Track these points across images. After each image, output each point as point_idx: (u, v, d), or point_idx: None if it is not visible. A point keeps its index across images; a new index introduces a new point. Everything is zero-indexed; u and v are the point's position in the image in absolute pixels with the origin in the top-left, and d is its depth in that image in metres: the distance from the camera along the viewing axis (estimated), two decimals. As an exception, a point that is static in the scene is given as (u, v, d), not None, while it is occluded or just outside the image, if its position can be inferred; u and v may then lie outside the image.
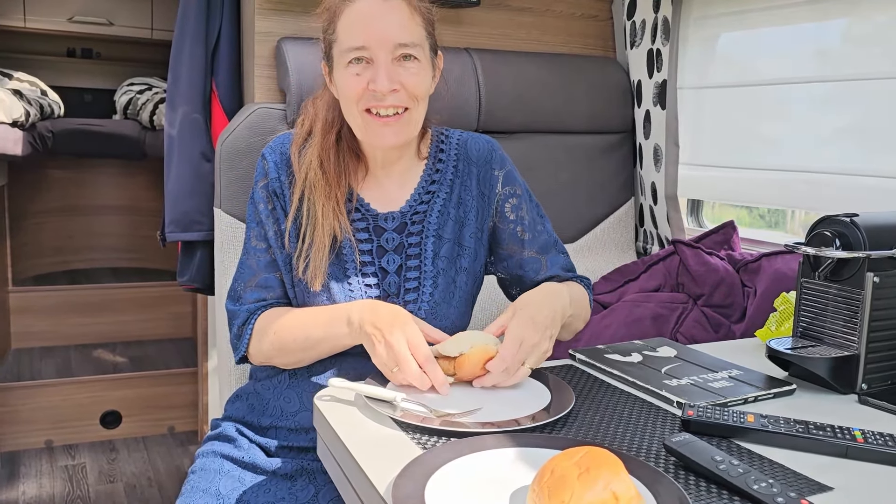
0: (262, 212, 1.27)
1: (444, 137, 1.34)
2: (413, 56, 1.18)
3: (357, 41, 1.16)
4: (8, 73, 3.43)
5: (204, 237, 1.89)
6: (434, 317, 1.26)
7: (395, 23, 1.16)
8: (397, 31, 1.16)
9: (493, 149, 1.34)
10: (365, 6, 1.17)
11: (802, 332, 1.18)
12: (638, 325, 1.74)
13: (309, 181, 1.24)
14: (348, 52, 1.17)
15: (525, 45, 2.06)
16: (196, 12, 1.86)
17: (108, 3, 3.84)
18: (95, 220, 4.17)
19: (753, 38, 1.83)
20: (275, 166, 1.27)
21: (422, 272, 1.26)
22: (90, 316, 3.59)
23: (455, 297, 1.28)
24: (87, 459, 2.96)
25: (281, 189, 1.26)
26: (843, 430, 0.92)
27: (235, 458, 1.25)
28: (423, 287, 1.26)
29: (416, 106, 1.20)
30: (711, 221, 2.12)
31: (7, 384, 2.99)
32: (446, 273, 1.27)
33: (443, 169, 1.31)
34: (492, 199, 1.32)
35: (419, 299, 1.26)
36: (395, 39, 1.16)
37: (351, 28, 1.17)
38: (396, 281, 1.26)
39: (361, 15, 1.16)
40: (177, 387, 3.22)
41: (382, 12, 1.16)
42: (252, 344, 1.24)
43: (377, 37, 1.15)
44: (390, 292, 1.26)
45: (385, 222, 1.27)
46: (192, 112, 1.87)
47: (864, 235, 1.08)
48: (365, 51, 1.16)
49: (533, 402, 1.03)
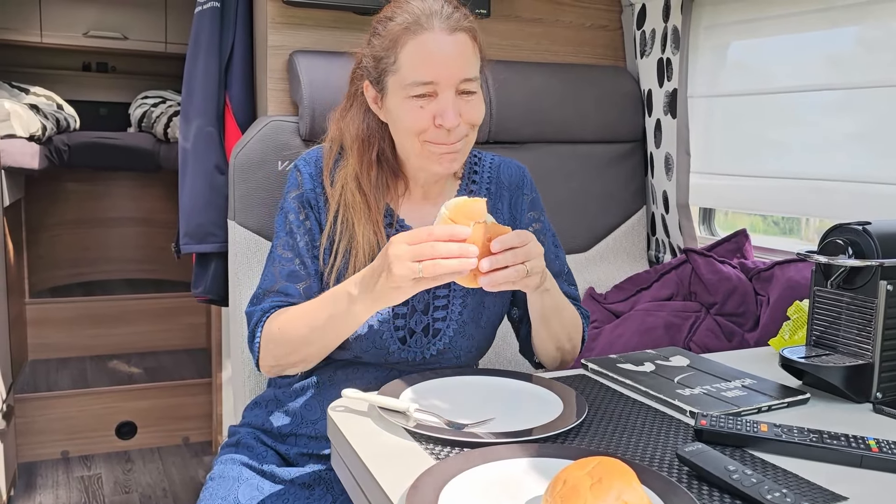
0: (294, 221, 1.25)
1: (477, 159, 1.36)
2: (473, 89, 1.18)
3: (425, 76, 1.14)
4: (25, 88, 3.48)
5: (218, 249, 1.91)
6: (462, 336, 1.27)
7: (462, 58, 1.15)
8: (463, 66, 1.15)
9: (524, 175, 1.36)
10: (432, 41, 1.14)
11: (816, 341, 1.18)
12: (651, 333, 1.74)
13: (346, 201, 1.23)
14: (413, 87, 1.14)
15: (535, 55, 2.07)
16: (209, 27, 1.88)
17: (123, 17, 3.89)
18: (111, 232, 4.21)
19: (764, 46, 1.83)
20: (310, 178, 1.26)
21: (451, 290, 1.27)
22: (105, 327, 3.62)
23: (483, 318, 1.29)
24: (103, 470, 2.98)
25: (316, 200, 1.25)
26: (858, 440, 0.91)
27: (254, 466, 1.26)
28: (452, 306, 1.26)
29: (473, 134, 1.21)
30: (725, 228, 2.12)
31: (24, 395, 3.01)
32: (476, 294, 1.27)
33: (476, 190, 1.33)
34: (520, 223, 1.34)
35: (448, 317, 1.26)
36: (462, 75, 1.15)
37: (418, 62, 1.14)
38: (426, 298, 1.26)
39: (429, 50, 1.14)
40: (191, 397, 3.23)
41: (450, 48, 1.14)
42: (262, 344, 1.21)
43: (446, 74, 1.14)
44: (418, 308, 1.26)
45: None
46: (206, 125, 1.89)
47: (876, 243, 1.08)
48: (432, 86, 1.14)
49: (545, 411, 1.03)
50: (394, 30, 1.16)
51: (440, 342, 1.26)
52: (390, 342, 1.24)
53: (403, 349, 1.25)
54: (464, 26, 1.16)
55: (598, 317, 1.91)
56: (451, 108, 1.14)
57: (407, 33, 1.14)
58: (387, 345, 1.24)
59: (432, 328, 1.26)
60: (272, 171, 1.65)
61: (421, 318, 1.26)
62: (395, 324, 1.24)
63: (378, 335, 1.23)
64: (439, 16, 1.15)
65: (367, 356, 1.24)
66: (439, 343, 1.26)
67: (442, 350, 1.26)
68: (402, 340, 1.25)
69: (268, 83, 1.81)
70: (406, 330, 1.25)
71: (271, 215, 1.63)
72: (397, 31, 1.15)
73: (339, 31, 1.85)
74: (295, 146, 1.68)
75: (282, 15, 1.80)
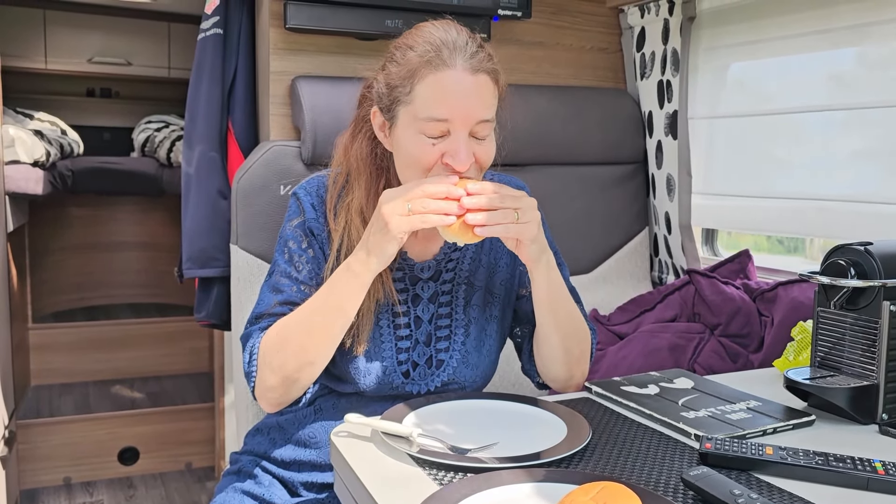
0: (295, 250, 1.22)
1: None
2: (487, 131, 1.15)
3: (440, 113, 1.09)
4: (29, 114, 3.51)
5: (220, 273, 1.91)
6: (465, 365, 1.26)
7: (481, 100, 1.11)
8: (481, 108, 1.11)
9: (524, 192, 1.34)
10: (453, 79, 1.10)
11: (820, 362, 1.18)
12: (655, 355, 1.73)
13: (350, 235, 1.19)
14: (426, 122, 1.10)
15: (535, 78, 2.09)
16: (212, 53, 1.90)
17: (127, 44, 3.93)
18: (114, 256, 4.22)
19: (764, 68, 1.84)
20: (311, 207, 1.23)
21: (453, 320, 1.26)
22: (108, 352, 3.62)
23: (485, 345, 1.28)
24: (105, 496, 2.96)
25: (319, 230, 1.22)
26: (864, 462, 0.91)
27: (256, 494, 1.25)
28: (455, 336, 1.26)
29: (480, 176, 1.18)
30: (729, 247, 2.12)
31: (27, 421, 3.00)
32: (478, 322, 1.27)
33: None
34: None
35: (451, 347, 1.25)
36: (479, 116, 1.11)
37: (435, 98, 1.10)
38: (428, 329, 1.25)
39: (448, 88, 1.09)
40: (194, 422, 3.22)
41: (470, 88, 1.10)
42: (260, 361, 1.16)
43: (462, 114, 1.09)
44: (421, 340, 1.25)
45: (421, 272, 1.26)
46: (208, 150, 1.90)
47: (878, 264, 1.08)
48: (445, 124, 1.10)
49: (549, 435, 1.03)
50: (413, 60, 1.11)
51: (444, 373, 1.25)
52: (394, 377, 1.23)
53: (408, 382, 1.24)
54: (486, 68, 1.12)
55: (602, 338, 1.90)
56: (464, 149, 1.10)
57: (427, 67, 1.10)
58: (391, 379, 1.23)
59: (435, 359, 1.26)
60: (274, 196, 1.66)
61: (424, 350, 1.25)
62: (398, 358, 1.23)
63: (382, 370, 1.22)
64: (463, 53, 1.10)
65: (372, 391, 1.23)
66: (443, 374, 1.25)
67: (446, 381, 1.25)
68: (405, 374, 1.24)
69: (270, 108, 1.82)
70: (409, 363, 1.24)
71: (274, 240, 1.63)
72: (417, 62, 1.11)
73: (341, 56, 1.86)
74: (297, 171, 1.68)
75: (284, 41, 1.81)
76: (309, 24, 1.74)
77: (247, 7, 1.93)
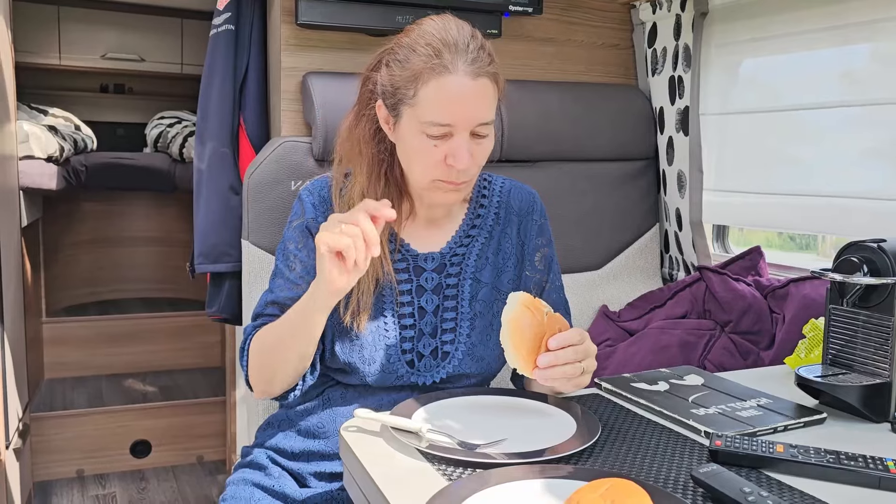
0: (291, 250, 1.26)
1: (487, 183, 1.36)
2: (487, 132, 1.18)
3: (444, 118, 1.13)
4: (44, 110, 3.53)
5: (232, 268, 1.92)
6: (472, 357, 1.26)
7: (481, 103, 1.15)
8: (482, 111, 1.15)
9: (535, 200, 1.36)
10: (455, 84, 1.12)
11: (832, 360, 1.17)
12: (665, 352, 1.73)
13: None
14: (430, 126, 1.13)
15: (547, 74, 2.08)
16: (224, 49, 1.91)
17: (140, 40, 3.95)
18: (127, 251, 4.25)
19: (776, 64, 1.83)
20: (312, 207, 1.26)
21: (459, 313, 1.27)
22: (121, 346, 3.64)
23: (492, 339, 1.28)
24: (118, 489, 2.98)
25: (318, 229, 1.22)
26: (876, 461, 0.90)
27: (266, 486, 1.26)
28: (461, 328, 1.26)
29: (478, 169, 1.21)
30: (740, 244, 2.11)
31: (40, 414, 3.03)
32: (483, 316, 1.28)
33: (484, 214, 1.33)
34: (527, 248, 1.34)
35: (456, 339, 1.26)
36: (480, 119, 1.15)
37: (438, 103, 1.13)
38: (433, 321, 1.27)
39: (451, 93, 1.12)
40: (206, 416, 3.24)
41: (472, 93, 1.13)
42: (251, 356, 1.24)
43: (464, 118, 1.13)
44: (426, 332, 1.26)
45: (425, 262, 1.28)
46: (220, 146, 1.91)
47: (891, 261, 1.07)
48: (448, 128, 1.13)
49: (559, 432, 1.03)
50: (416, 64, 1.13)
51: (449, 365, 1.26)
52: (398, 366, 1.24)
53: (413, 373, 1.25)
54: (487, 71, 1.14)
55: (612, 335, 1.90)
56: (465, 149, 1.14)
57: (430, 72, 1.12)
58: (395, 368, 1.24)
59: (441, 351, 1.26)
60: (286, 192, 1.66)
61: (429, 342, 1.26)
62: (402, 347, 1.24)
63: (386, 359, 1.23)
64: (464, 56, 1.12)
65: (377, 380, 1.24)
66: (448, 366, 1.26)
67: (452, 373, 1.26)
68: (410, 364, 1.25)
69: (281, 104, 1.83)
70: (414, 353, 1.25)
71: (285, 235, 1.64)
72: (420, 66, 1.13)
73: (351, 52, 1.87)
74: (308, 166, 1.69)
75: (295, 37, 1.82)
76: (320, 20, 1.75)
77: (258, 3, 1.94)
